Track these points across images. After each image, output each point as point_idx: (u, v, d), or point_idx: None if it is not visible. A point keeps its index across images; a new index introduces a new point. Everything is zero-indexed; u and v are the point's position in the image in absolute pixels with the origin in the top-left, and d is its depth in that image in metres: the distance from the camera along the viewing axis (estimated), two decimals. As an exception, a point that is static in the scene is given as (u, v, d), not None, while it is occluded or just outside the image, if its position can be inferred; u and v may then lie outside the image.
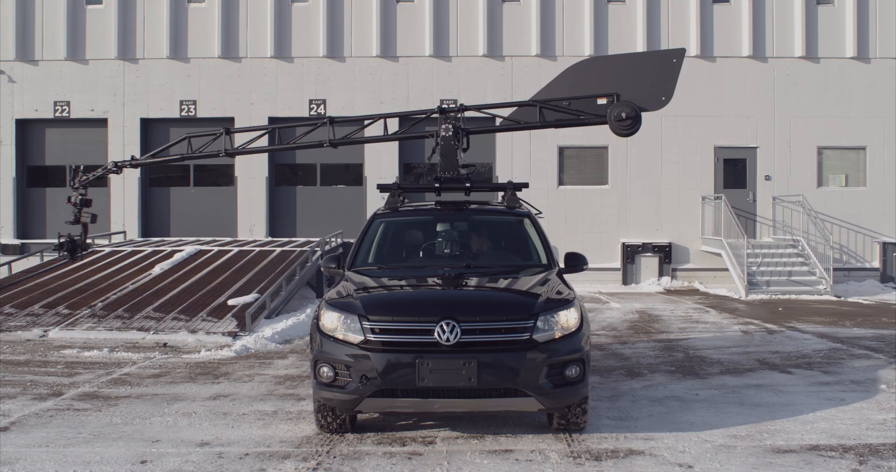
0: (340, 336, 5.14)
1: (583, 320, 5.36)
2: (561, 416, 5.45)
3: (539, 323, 5.10)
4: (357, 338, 5.09)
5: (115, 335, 10.48)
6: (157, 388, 7.37)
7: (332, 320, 5.23)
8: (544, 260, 6.44)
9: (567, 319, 5.23)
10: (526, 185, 7.31)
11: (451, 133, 7.88)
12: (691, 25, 19.35)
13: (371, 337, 5.06)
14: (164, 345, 9.98)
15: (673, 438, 5.44)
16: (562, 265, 6.35)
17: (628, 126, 7.97)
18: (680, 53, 8.23)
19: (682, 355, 9.04)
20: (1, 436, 5.66)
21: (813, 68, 19.49)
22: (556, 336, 5.13)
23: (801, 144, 19.50)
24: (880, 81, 19.45)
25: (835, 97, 19.49)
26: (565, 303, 5.34)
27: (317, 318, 5.42)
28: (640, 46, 19.28)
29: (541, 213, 7.25)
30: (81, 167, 12.74)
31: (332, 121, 10.92)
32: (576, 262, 6.30)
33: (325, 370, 5.16)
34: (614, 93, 8.35)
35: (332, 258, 6.32)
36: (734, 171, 19.66)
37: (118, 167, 12.45)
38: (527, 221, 6.86)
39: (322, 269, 6.40)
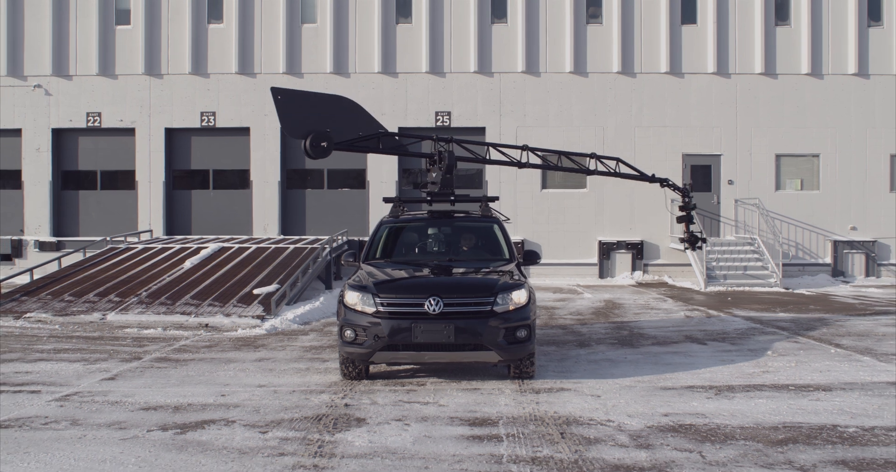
0: (359, 308, 7.33)
1: (530, 298, 7.53)
2: (515, 367, 7.63)
3: (498, 299, 7.29)
4: (371, 309, 7.27)
5: (162, 318, 12.65)
6: (212, 354, 9.55)
7: (353, 297, 7.41)
8: (507, 255, 8.66)
9: (519, 297, 7.41)
10: (497, 198, 9.51)
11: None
12: (661, 44, 21.49)
13: (381, 309, 7.25)
14: (206, 325, 12.14)
15: (594, 382, 7.64)
16: (521, 259, 8.55)
17: None
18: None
19: (627, 333, 11.23)
20: (112, 383, 7.83)
21: (772, 83, 21.64)
22: (510, 308, 7.31)
23: (760, 151, 21.66)
24: (832, 95, 21.61)
25: (791, 109, 21.64)
26: (518, 285, 7.52)
27: (341, 296, 7.60)
28: (615, 63, 21.44)
29: (508, 219, 9.45)
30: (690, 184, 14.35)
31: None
32: (531, 257, 8.50)
33: (349, 333, 7.34)
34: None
35: (349, 254, 8.52)
36: (700, 176, 21.81)
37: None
38: (495, 226, 9.08)
39: (342, 262, 8.58)
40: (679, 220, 14.03)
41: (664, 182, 13.75)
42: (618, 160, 13.50)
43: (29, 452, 5.39)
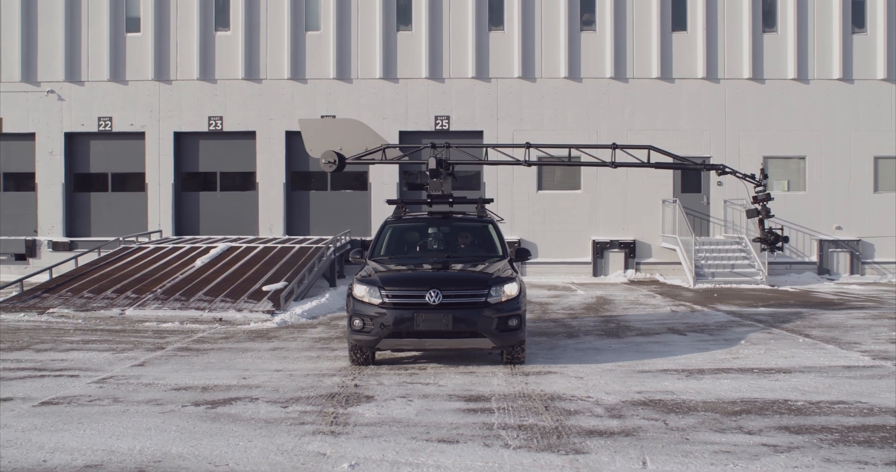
0: (367, 300, 8.13)
1: (521, 290, 8.33)
2: (508, 353, 8.44)
3: (492, 291, 8.09)
4: (377, 301, 8.07)
5: (178, 313, 13.44)
6: (229, 344, 10.35)
7: (361, 290, 8.22)
8: (500, 252, 9.48)
9: (510, 289, 8.21)
10: (492, 200, 10.34)
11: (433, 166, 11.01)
12: (653, 51, 22.30)
13: (386, 300, 8.05)
14: (220, 320, 12.93)
15: (579, 367, 8.44)
16: (513, 256, 9.36)
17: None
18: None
19: (615, 325, 12.03)
20: (142, 368, 8.63)
21: (759, 88, 22.45)
22: (503, 300, 8.11)
23: (748, 153, 22.46)
24: (818, 99, 22.42)
25: (778, 113, 22.45)
26: (510, 279, 8.32)
27: (350, 289, 8.40)
28: (608, 68, 22.25)
29: (502, 219, 10.26)
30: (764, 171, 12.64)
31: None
32: (523, 254, 9.32)
33: (357, 322, 8.14)
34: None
35: (357, 251, 9.34)
36: (691, 177, 22.61)
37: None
38: (490, 226, 9.90)
39: (350, 258, 9.40)
40: (750, 214, 12.11)
41: (721, 169, 12.09)
42: (650, 148, 12.10)
43: (82, 422, 6.19)
